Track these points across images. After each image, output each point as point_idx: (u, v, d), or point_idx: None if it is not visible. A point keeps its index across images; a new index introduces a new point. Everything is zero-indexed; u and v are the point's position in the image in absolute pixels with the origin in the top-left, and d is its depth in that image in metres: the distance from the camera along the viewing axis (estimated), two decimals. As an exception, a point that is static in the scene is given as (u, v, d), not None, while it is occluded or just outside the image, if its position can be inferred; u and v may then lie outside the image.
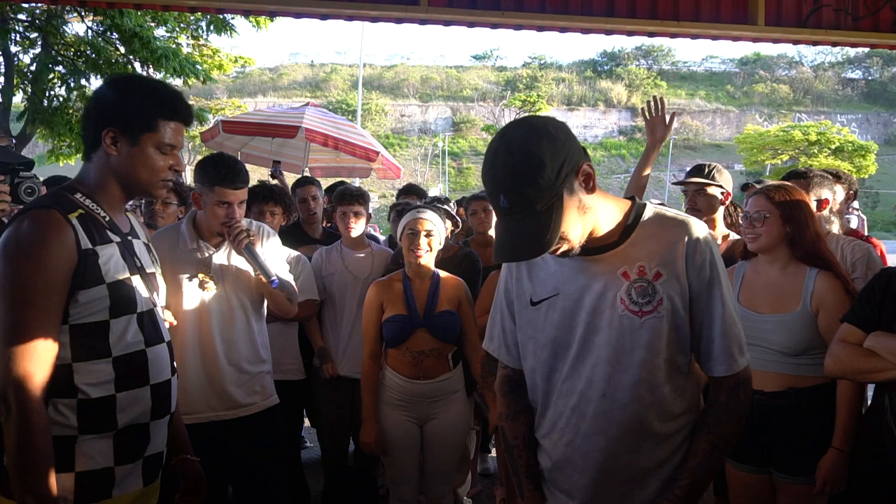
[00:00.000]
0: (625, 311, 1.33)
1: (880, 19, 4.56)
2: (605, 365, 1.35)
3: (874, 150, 31.88)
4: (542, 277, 1.44)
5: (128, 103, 1.50)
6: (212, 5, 4.71)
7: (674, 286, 1.33)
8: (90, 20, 9.36)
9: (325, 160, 6.75)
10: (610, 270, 1.35)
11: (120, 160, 1.49)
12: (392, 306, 2.64)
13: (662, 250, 1.34)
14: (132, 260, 1.54)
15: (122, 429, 1.47)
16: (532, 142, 1.24)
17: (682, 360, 1.37)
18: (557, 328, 1.40)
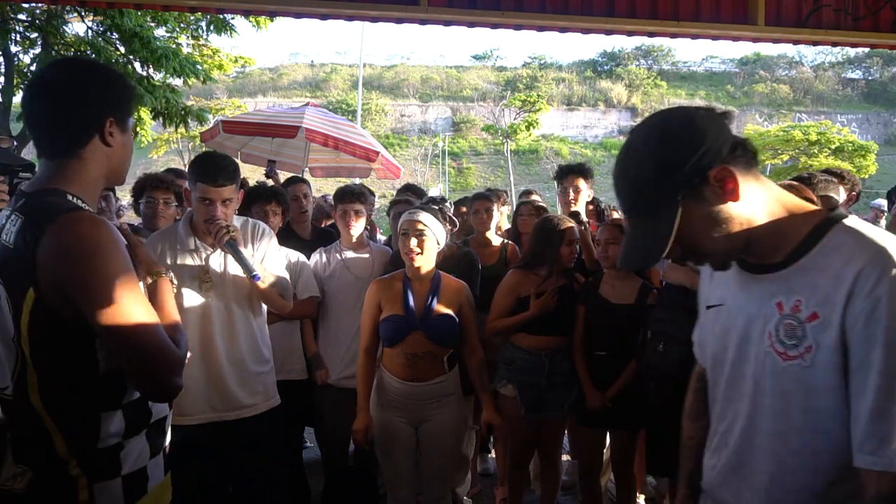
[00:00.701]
0: (770, 349, 1.14)
1: (880, 19, 4.56)
2: (747, 400, 1.19)
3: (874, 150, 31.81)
4: (717, 282, 1.31)
5: (119, 90, 1.45)
6: (212, 5, 4.71)
7: (829, 334, 1.06)
8: (90, 20, 9.35)
9: (325, 160, 6.75)
10: (767, 296, 1.15)
11: (116, 151, 1.43)
12: (390, 306, 2.64)
13: (827, 285, 1.07)
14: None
15: (152, 423, 1.48)
16: (642, 141, 1.14)
17: (833, 430, 1.08)
18: (717, 341, 1.28)
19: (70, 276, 1.28)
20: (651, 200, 1.11)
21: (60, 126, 1.39)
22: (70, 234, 1.29)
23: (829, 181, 2.65)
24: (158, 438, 1.52)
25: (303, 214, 3.78)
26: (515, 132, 37.80)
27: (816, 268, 1.10)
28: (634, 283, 3.02)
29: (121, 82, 1.46)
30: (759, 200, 1.14)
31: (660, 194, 1.10)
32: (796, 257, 1.13)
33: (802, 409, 1.10)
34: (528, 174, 44.60)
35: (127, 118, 1.46)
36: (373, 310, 2.69)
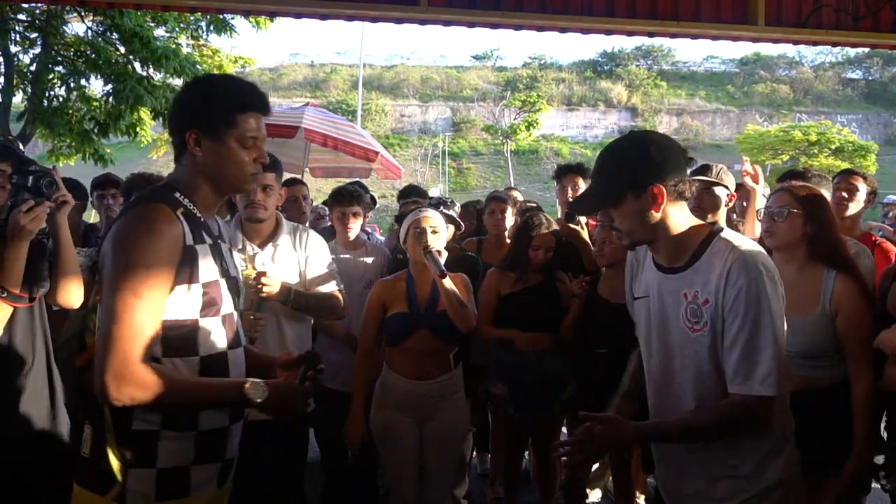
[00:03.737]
0: (683, 325, 1.59)
1: (880, 19, 4.56)
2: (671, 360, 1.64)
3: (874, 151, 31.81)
4: (641, 279, 1.75)
5: (205, 103, 1.52)
6: (212, 5, 4.71)
7: (715, 312, 1.53)
8: (90, 20, 9.34)
9: (325, 160, 6.76)
10: (677, 290, 1.61)
11: (206, 160, 1.51)
12: (395, 304, 2.65)
13: (712, 279, 1.54)
14: (221, 262, 1.56)
15: (203, 430, 1.49)
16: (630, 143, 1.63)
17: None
18: (646, 322, 1.71)
19: (108, 247, 1.42)
20: (608, 180, 1.60)
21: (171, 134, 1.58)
22: (132, 216, 1.43)
23: (822, 178, 2.66)
24: (211, 448, 1.52)
25: (301, 216, 3.79)
26: (515, 132, 37.80)
27: (705, 268, 1.56)
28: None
29: (208, 96, 1.52)
30: (674, 219, 1.60)
31: (615, 181, 1.58)
32: (692, 262, 1.59)
33: (709, 361, 1.57)
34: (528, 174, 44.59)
35: (216, 128, 1.49)
36: (376, 310, 2.69)
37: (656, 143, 1.58)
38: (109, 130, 9.19)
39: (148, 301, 1.37)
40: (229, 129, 1.50)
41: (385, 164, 6.07)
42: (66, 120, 9.25)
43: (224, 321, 1.55)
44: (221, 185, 1.56)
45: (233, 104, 1.52)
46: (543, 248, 3.09)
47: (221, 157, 1.51)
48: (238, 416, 1.59)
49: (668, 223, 1.58)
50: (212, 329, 1.51)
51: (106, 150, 9.54)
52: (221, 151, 1.51)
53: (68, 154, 9.67)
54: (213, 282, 1.51)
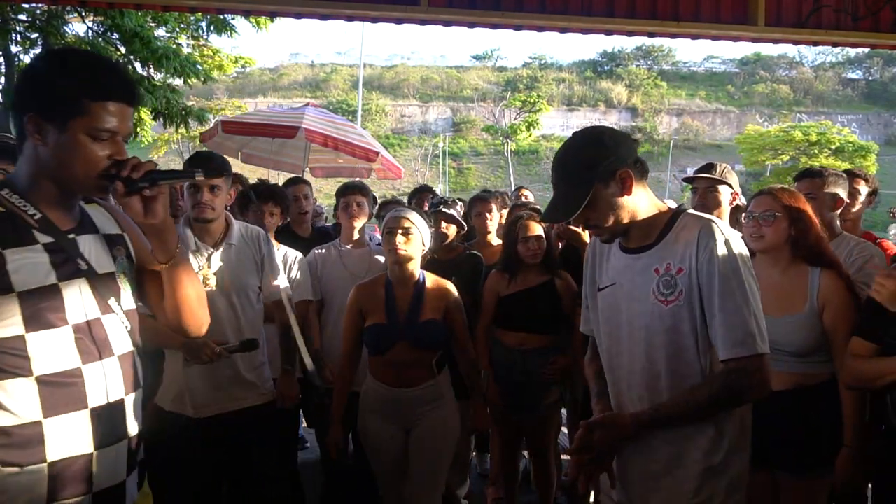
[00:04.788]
0: (655, 301, 1.58)
1: (880, 19, 4.56)
2: (643, 344, 1.61)
3: (875, 151, 31.84)
4: (607, 268, 1.74)
5: (52, 82, 1.24)
6: (212, 5, 4.71)
7: (690, 279, 1.54)
8: (90, 20, 9.35)
9: (325, 160, 6.75)
10: (647, 267, 1.61)
11: (48, 152, 1.26)
12: (373, 314, 2.55)
13: (682, 249, 1.56)
14: (71, 263, 1.30)
15: (55, 462, 1.25)
16: (583, 140, 1.64)
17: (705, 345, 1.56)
18: (613, 311, 1.69)
19: None
20: (575, 179, 1.60)
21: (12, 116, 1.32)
22: None
23: (838, 176, 2.64)
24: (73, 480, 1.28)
25: (303, 215, 3.79)
26: (515, 132, 37.85)
27: (674, 241, 1.60)
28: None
29: (55, 75, 1.26)
30: (642, 201, 1.64)
31: (582, 178, 1.58)
32: (661, 238, 1.62)
33: (688, 333, 1.56)
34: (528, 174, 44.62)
35: (62, 118, 1.24)
36: (354, 317, 2.60)
37: (606, 132, 1.63)
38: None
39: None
40: (77, 117, 1.24)
41: (385, 165, 6.07)
42: (66, 120, 9.24)
43: (76, 330, 1.29)
44: (66, 183, 1.30)
45: (84, 88, 1.25)
46: (532, 239, 3.07)
47: (65, 150, 1.25)
48: (112, 440, 1.33)
49: (638, 206, 1.62)
50: (50, 344, 1.25)
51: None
52: (66, 144, 1.25)
53: (68, 154, 9.67)
54: (40, 288, 1.25)
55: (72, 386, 1.27)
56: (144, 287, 1.51)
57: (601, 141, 1.60)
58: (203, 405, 2.45)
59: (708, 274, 1.51)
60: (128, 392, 1.38)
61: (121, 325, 1.38)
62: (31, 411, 1.24)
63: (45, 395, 1.25)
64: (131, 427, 1.38)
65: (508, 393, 3.07)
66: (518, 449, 3.32)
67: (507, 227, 3.23)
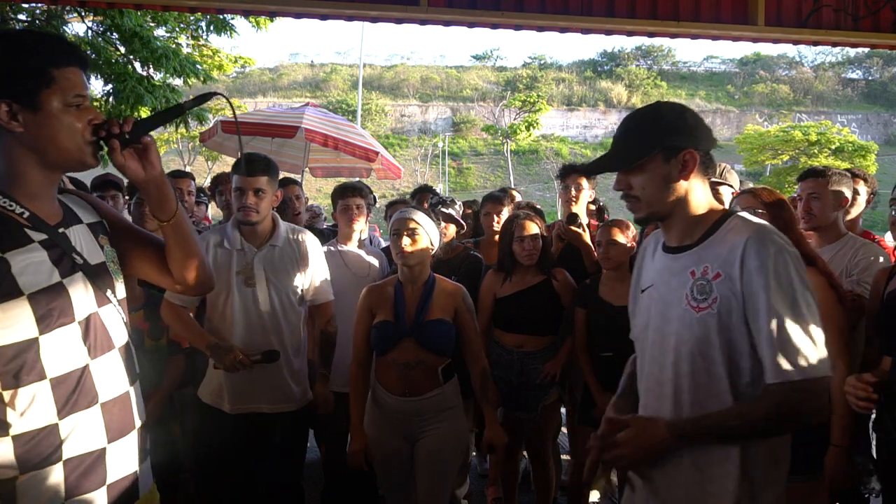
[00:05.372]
0: (687, 306, 1.46)
1: (880, 19, 4.56)
2: (672, 353, 1.49)
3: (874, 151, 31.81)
4: (648, 269, 1.65)
5: (14, 61, 1.22)
6: (212, 5, 4.70)
7: (729, 287, 1.40)
8: (90, 20, 9.34)
9: (325, 160, 6.75)
10: (684, 268, 1.49)
11: (29, 134, 1.23)
12: (381, 312, 2.52)
13: (725, 253, 1.42)
14: (67, 258, 1.29)
15: (70, 459, 1.26)
16: (663, 109, 1.52)
17: (742, 361, 1.41)
18: (648, 314, 1.59)
19: None
20: (637, 138, 1.49)
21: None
22: None
23: (842, 176, 2.64)
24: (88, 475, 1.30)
25: (296, 217, 3.79)
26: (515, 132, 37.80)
27: (718, 243, 1.45)
28: (634, 284, 3.02)
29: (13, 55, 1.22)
30: (696, 193, 1.51)
31: (645, 138, 1.48)
32: (705, 238, 1.49)
33: (719, 346, 1.41)
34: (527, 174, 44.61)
35: (32, 94, 1.22)
36: (365, 318, 2.57)
37: (690, 112, 1.52)
38: (109, 130, 9.18)
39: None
40: (45, 89, 1.22)
41: (385, 164, 6.07)
42: (66, 120, 9.24)
43: (83, 326, 1.29)
44: (53, 162, 1.27)
45: (42, 59, 1.22)
46: (528, 238, 3.06)
47: (46, 126, 1.23)
48: (122, 432, 1.35)
49: (689, 197, 1.49)
50: (61, 343, 1.26)
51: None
52: (44, 121, 1.23)
53: (68, 154, 9.67)
54: (48, 287, 1.24)
55: (83, 383, 1.28)
56: (136, 261, 1.49)
57: (682, 115, 1.49)
58: (239, 403, 2.52)
59: (757, 286, 1.35)
60: (131, 383, 1.40)
61: (117, 315, 1.39)
62: (46, 414, 1.24)
63: (58, 396, 1.25)
64: (138, 418, 1.41)
65: (507, 394, 3.07)
66: (517, 449, 3.32)
67: (503, 226, 3.24)
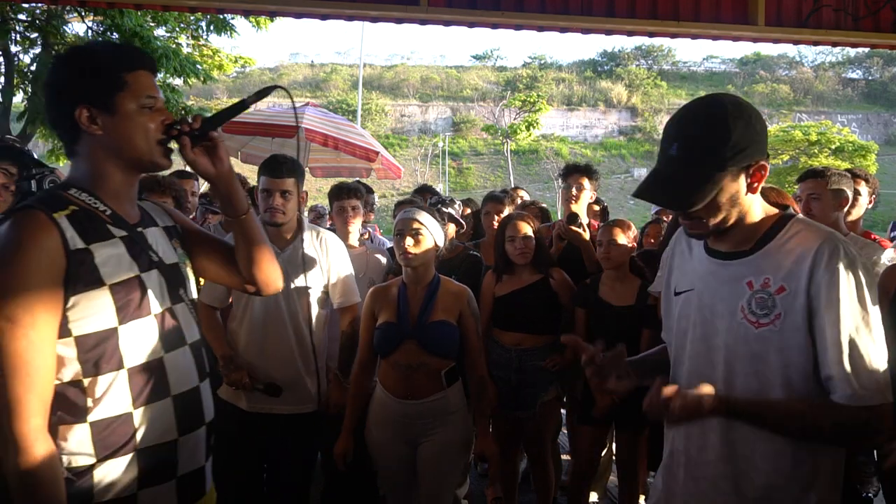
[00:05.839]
0: (743, 320, 1.33)
1: (881, 19, 4.56)
2: (721, 366, 1.37)
3: (874, 151, 31.82)
4: (686, 270, 1.50)
5: (84, 72, 1.30)
6: (212, 5, 4.70)
7: (795, 302, 1.28)
8: (90, 20, 9.35)
9: (325, 160, 6.75)
10: (737, 278, 1.36)
11: (108, 137, 1.31)
12: (384, 313, 2.51)
13: (790, 265, 1.30)
14: (145, 255, 1.36)
15: (143, 448, 1.31)
16: (724, 112, 1.29)
17: (803, 386, 1.30)
18: (687, 321, 1.46)
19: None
20: (703, 161, 1.28)
21: (54, 130, 1.37)
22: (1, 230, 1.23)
23: (842, 175, 2.64)
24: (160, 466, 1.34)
25: None
26: (515, 132, 37.80)
27: (779, 252, 1.33)
28: (634, 284, 3.02)
29: (88, 64, 1.31)
30: (758, 202, 1.38)
31: (714, 161, 1.28)
32: (762, 245, 1.35)
33: (778, 367, 1.30)
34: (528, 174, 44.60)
35: (108, 98, 1.29)
36: (368, 320, 2.55)
37: (752, 110, 1.32)
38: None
39: (27, 325, 1.18)
40: (119, 93, 1.30)
41: (385, 164, 6.07)
42: (66, 120, 9.24)
43: (158, 320, 1.35)
44: (130, 162, 1.35)
45: (115, 65, 1.31)
46: (519, 239, 3.06)
47: (122, 128, 1.30)
48: (193, 426, 1.40)
49: (753, 207, 1.36)
50: (138, 334, 1.31)
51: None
52: (120, 122, 1.30)
53: (68, 154, 9.67)
54: (127, 280, 1.30)
55: (156, 375, 1.34)
56: (205, 263, 1.57)
57: (748, 120, 1.28)
58: (257, 401, 2.55)
59: (827, 300, 1.25)
60: (200, 380, 1.44)
61: (189, 314, 1.45)
62: (122, 402, 1.29)
63: (133, 386, 1.30)
64: (207, 413, 1.45)
65: (505, 393, 3.07)
66: (516, 449, 3.32)
67: (498, 227, 3.25)
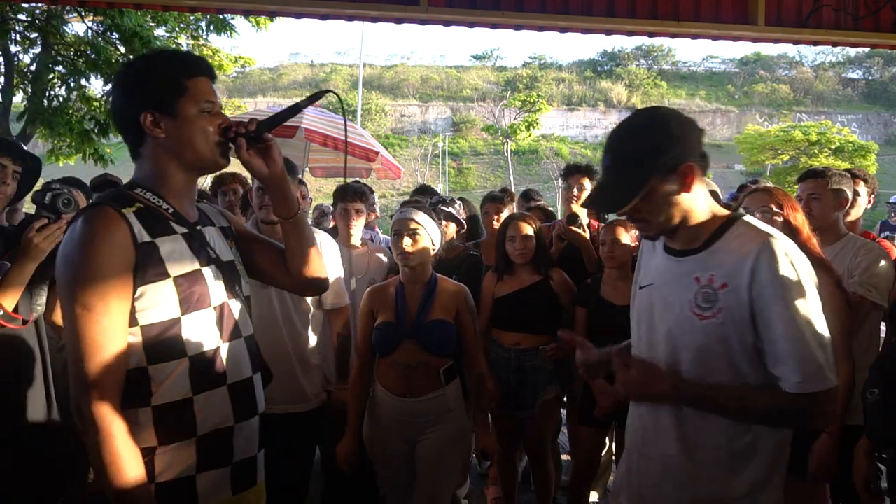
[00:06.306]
0: (689, 312, 1.44)
1: (881, 19, 4.56)
2: (667, 356, 1.48)
3: (874, 151, 31.78)
4: (650, 266, 1.62)
5: (147, 79, 1.39)
6: (212, 5, 4.70)
7: (736, 298, 1.38)
8: (90, 20, 9.34)
9: (325, 160, 6.76)
10: (688, 273, 1.47)
11: (170, 139, 1.39)
12: (383, 312, 2.53)
13: (733, 263, 1.40)
14: (204, 251, 1.44)
15: (203, 434, 1.38)
16: (646, 124, 1.45)
17: (748, 372, 1.41)
18: (646, 313, 1.57)
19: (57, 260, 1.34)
20: (631, 167, 1.42)
21: (120, 133, 1.46)
22: (74, 225, 1.33)
23: (842, 176, 2.64)
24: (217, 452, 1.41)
25: None
26: (515, 132, 37.77)
27: (724, 250, 1.43)
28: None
29: (151, 72, 1.40)
30: (699, 199, 1.48)
31: (640, 166, 1.41)
32: (709, 243, 1.46)
33: (719, 354, 1.41)
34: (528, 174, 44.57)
35: (171, 104, 1.38)
36: (366, 319, 2.57)
37: (674, 117, 1.46)
38: (109, 130, 9.18)
39: (101, 312, 1.27)
40: (181, 98, 1.38)
41: (385, 164, 6.07)
42: (66, 120, 9.24)
43: (217, 312, 1.43)
44: (190, 163, 1.43)
45: (176, 72, 1.40)
46: (519, 239, 3.07)
47: (183, 131, 1.39)
48: (247, 415, 1.48)
49: (694, 205, 1.47)
50: (199, 324, 1.39)
51: (106, 149, 9.53)
52: (181, 126, 1.39)
53: (68, 154, 9.67)
54: (189, 273, 1.38)
55: (214, 364, 1.41)
56: (257, 262, 1.65)
57: (667, 127, 1.42)
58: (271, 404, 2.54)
59: (770, 297, 1.35)
60: (254, 372, 1.51)
61: (244, 309, 1.53)
62: (183, 389, 1.36)
63: (194, 373, 1.37)
64: (259, 405, 1.53)
65: (505, 393, 3.07)
66: (516, 448, 3.32)
67: (499, 227, 3.24)
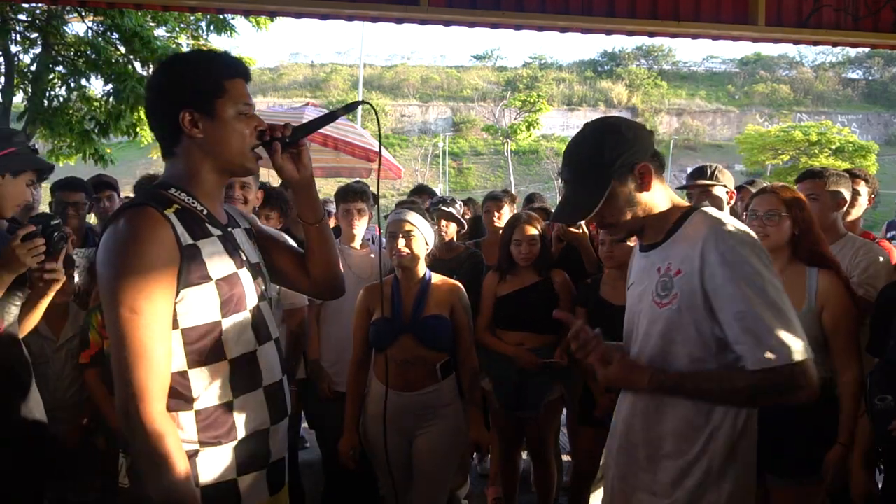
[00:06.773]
0: (651, 303, 1.51)
1: (881, 19, 4.55)
2: (639, 346, 1.56)
3: (875, 151, 31.80)
4: (634, 267, 1.70)
5: (187, 78, 1.38)
6: (212, 5, 4.70)
7: (689, 283, 1.43)
8: (90, 20, 9.34)
9: (325, 160, 6.75)
10: (652, 265, 1.55)
11: (206, 140, 1.37)
12: (379, 309, 2.56)
13: (685, 249, 1.46)
14: (237, 253, 1.43)
15: (243, 437, 1.38)
16: (597, 133, 1.51)
17: (707, 360, 1.45)
18: (630, 312, 1.65)
19: (98, 260, 1.32)
20: (590, 176, 1.48)
21: (154, 131, 1.45)
22: (117, 224, 1.30)
23: (840, 176, 2.63)
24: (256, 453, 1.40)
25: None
26: (515, 132, 37.83)
27: (680, 240, 1.49)
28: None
29: (191, 71, 1.39)
30: (659, 196, 1.54)
31: (598, 173, 1.47)
32: (670, 235, 1.53)
33: (679, 341, 1.46)
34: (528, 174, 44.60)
35: (208, 102, 1.36)
36: (363, 317, 2.61)
37: (622, 123, 1.52)
38: (110, 130, 9.19)
39: (148, 315, 1.25)
40: (220, 99, 1.37)
41: (385, 164, 6.08)
42: (66, 120, 9.24)
43: (252, 315, 1.42)
44: (224, 165, 1.42)
45: (216, 72, 1.38)
46: (525, 243, 3.07)
47: (220, 131, 1.37)
48: (280, 416, 1.47)
49: (655, 201, 1.53)
50: (238, 327, 1.38)
51: (106, 150, 9.54)
52: (219, 126, 1.37)
53: (68, 154, 9.67)
54: (229, 276, 1.37)
55: (251, 366, 1.40)
56: (277, 265, 1.64)
57: (618, 133, 1.48)
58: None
59: (721, 279, 1.37)
60: (282, 373, 1.51)
61: (271, 311, 1.53)
62: (224, 392, 1.36)
63: (234, 377, 1.37)
64: (289, 406, 1.52)
65: (506, 392, 3.07)
66: (517, 449, 3.31)
67: (505, 227, 3.25)
